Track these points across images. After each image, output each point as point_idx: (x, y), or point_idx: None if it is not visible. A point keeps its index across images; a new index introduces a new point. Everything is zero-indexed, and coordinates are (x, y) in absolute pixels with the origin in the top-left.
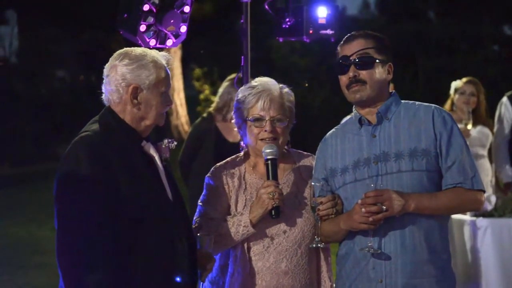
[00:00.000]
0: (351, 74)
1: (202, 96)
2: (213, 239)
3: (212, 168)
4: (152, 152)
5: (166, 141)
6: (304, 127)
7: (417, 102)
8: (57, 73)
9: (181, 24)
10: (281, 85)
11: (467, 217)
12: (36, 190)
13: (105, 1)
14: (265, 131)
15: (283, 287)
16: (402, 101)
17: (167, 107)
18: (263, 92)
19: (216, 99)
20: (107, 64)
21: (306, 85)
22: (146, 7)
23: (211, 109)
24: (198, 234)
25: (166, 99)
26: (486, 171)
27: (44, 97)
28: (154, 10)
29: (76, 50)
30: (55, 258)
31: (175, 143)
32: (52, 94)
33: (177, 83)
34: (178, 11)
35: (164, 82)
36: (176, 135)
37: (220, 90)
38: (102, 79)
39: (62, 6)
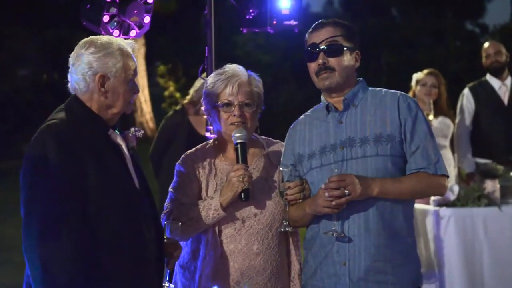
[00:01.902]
0: (320, 61)
1: (166, 93)
2: (180, 227)
3: (182, 156)
4: (119, 140)
5: (133, 129)
6: (269, 123)
7: (383, 89)
8: (19, 71)
9: (145, 14)
10: (249, 72)
11: (430, 207)
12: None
13: None
14: (234, 115)
15: (255, 269)
16: (369, 88)
17: (135, 95)
18: (231, 77)
19: (191, 92)
20: (72, 53)
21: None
22: None
23: (184, 101)
24: (166, 222)
25: (133, 87)
26: (448, 161)
27: (6, 96)
28: (117, 1)
29: (39, 48)
30: (20, 255)
31: (142, 131)
32: (14, 92)
33: (141, 80)
34: (142, 2)
35: (131, 69)
36: None
37: (197, 84)
38: (66, 77)
39: (24, 2)
